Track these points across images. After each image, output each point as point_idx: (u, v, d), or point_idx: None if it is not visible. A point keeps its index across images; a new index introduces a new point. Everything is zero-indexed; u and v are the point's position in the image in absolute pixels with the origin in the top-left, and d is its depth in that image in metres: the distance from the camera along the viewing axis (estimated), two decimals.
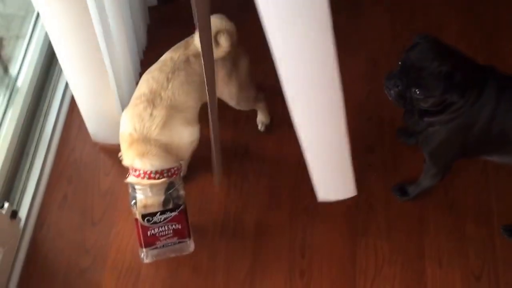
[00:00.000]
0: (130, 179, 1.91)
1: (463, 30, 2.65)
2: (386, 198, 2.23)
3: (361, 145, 2.35)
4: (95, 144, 2.31)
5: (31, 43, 2.36)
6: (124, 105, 2.25)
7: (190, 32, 2.56)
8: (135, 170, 1.89)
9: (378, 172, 2.29)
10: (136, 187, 1.90)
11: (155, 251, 2.01)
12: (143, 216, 1.91)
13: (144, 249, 2.00)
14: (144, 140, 1.88)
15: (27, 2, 1.86)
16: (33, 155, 2.23)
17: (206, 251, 2.11)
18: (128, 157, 1.91)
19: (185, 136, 1.95)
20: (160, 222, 1.94)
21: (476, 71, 1.81)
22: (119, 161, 2.25)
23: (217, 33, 1.90)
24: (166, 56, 1.99)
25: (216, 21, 1.89)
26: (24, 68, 2.30)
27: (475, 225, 2.19)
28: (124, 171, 2.25)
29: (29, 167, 2.20)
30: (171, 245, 2.00)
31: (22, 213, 2.09)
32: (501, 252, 2.13)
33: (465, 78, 1.74)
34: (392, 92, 1.83)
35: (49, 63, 2.38)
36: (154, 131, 1.88)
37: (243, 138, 2.34)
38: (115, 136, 2.03)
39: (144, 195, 1.89)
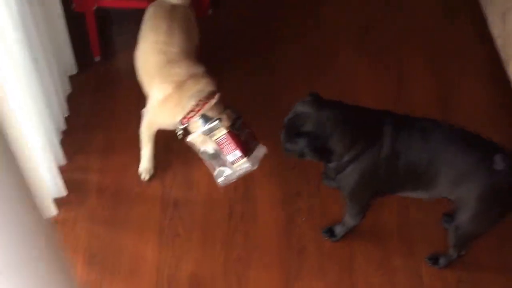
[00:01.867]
0: (197, 117, 2.12)
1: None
2: (316, 240, 2.31)
3: (289, 193, 2.43)
4: None
5: None
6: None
7: (112, 97, 2.64)
8: (197, 105, 2.12)
9: (307, 216, 2.38)
10: (212, 111, 2.12)
11: (252, 156, 2.18)
12: (232, 125, 2.12)
13: (247, 159, 2.16)
14: (191, 76, 2.15)
15: None
16: None
17: None
18: (184, 102, 2.13)
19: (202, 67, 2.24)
20: (239, 127, 2.15)
21: (367, 118, 1.96)
22: None
23: None
24: (152, 22, 2.26)
25: None
26: None
27: (401, 257, 2.29)
28: None
29: None
30: (257, 146, 2.21)
31: None
32: (428, 280, 2.23)
33: (318, 136, 1.90)
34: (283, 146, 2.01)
35: None
36: (194, 69, 2.17)
37: (172, 193, 2.39)
38: None
39: (219, 113, 2.12)
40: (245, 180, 2.44)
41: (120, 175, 2.41)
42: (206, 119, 2.12)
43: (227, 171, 2.20)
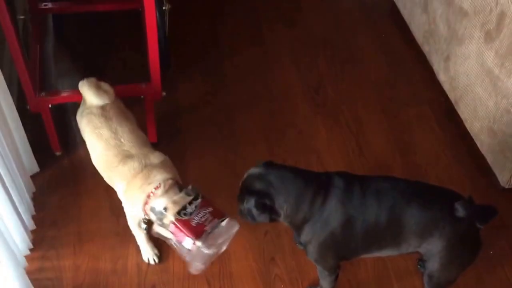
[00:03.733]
0: (147, 207, 2.09)
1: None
2: None
3: (265, 259, 2.44)
4: None
5: None
6: None
7: (78, 190, 2.64)
8: (148, 196, 2.09)
9: (285, 281, 2.38)
10: (157, 201, 2.07)
11: (209, 238, 2.04)
12: (178, 212, 2.03)
13: (199, 241, 2.01)
14: (142, 169, 2.14)
15: None
16: None
17: None
18: (139, 193, 2.10)
19: (158, 153, 2.24)
20: (194, 211, 2.05)
21: (315, 182, 1.98)
22: None
23: (97, 85, 2.34)
24: (93, 133, 2.25)
25: (90, 79, 2.36)
26: None
27: None
28: None
29: None
30: (217, 227, 2.05)
31: None
32: None
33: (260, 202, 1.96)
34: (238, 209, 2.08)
35: None
36: (143, 160, 2.17)
37: (148, 279, 2.38)
38: None
39: (167, 199, 2.07)
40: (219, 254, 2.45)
41: (94, 268, 2.38)
42: (154, 210, 2.10)
43: (195, 262, 2.11)
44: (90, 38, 3.27)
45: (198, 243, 2.02)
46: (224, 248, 2.11)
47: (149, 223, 2.20)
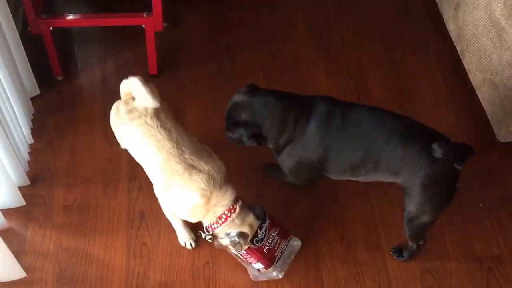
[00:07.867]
0: (219, 230, 2.07)
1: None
2: None
3: (253, 194, 2.46)
4: None
5: None
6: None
7: (76, 115, 2.68)
8: (220, 218, 2.06)
9: (272, 217, 2.41)
10: (229, 227, 2.06)
11: (279, 263, 2.17)
12: (251, 240, 2.07)
13: (272, 268, 2.14)
14: (215, 188, 2.03)
15: None
16: None
17: None
18: (210, 214, 2.06)
19: (219, 161, 2.11)
20: (264, 235, 2.11)
21: (299, 104, 2.02)
22: None
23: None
24: (140, 129, 2.08)
25: (138, 78, 2.08)
26: None
27: (367, 251, 2.33)
28: None
29: None
30: (285, 248, 2.17)
31: None
32: (393, 272, 2.28)
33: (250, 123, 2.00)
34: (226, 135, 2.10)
35: None
36: (214, 175, 2.03)
37: (138, 205, 2.43)
38: None
39: (241, 224, 2.07)
40: None
41: (85, 190, 2.45)
42: (228, 236, 2.09)
43: (256, 273, 2.22)
44: None
45: (270, 269, 2.15)
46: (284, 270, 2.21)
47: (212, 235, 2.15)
